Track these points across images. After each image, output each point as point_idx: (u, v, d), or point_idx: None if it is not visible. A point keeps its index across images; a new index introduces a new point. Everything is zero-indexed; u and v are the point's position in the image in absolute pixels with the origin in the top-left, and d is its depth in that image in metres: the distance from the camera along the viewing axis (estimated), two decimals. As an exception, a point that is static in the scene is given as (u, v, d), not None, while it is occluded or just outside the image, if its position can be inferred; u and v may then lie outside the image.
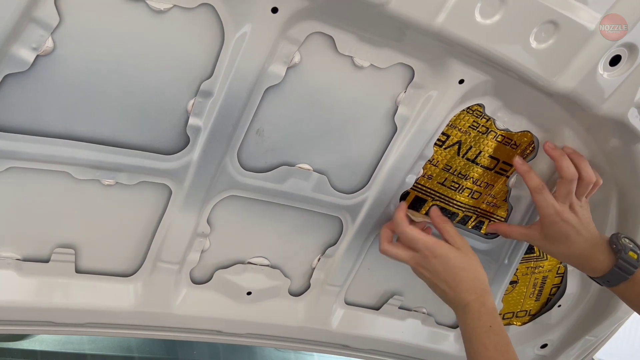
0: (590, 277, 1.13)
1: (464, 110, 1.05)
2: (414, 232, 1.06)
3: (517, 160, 1.10)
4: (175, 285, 1.10)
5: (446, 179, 1.15)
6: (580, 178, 1.06)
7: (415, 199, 1.17)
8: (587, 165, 1.08)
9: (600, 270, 1.07)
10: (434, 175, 1.14)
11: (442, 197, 1.18)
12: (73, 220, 0.98)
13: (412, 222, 1.10)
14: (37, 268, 0.99)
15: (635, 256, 1.04)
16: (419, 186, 1.15)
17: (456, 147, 1.11)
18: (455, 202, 1.19)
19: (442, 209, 1.20)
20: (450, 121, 1.05)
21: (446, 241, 1.07)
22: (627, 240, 1.07)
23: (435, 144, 1.08)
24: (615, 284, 1.07)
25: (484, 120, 1.08)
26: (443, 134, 1.07)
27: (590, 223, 1.10)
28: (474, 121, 1.08)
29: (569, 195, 1.06)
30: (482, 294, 1.03)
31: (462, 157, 1.13)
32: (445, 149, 1.11)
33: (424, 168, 1.11)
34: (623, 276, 1.05)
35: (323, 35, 0.90)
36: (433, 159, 1.11)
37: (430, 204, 1.19)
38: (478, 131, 1.10)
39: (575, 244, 1.07)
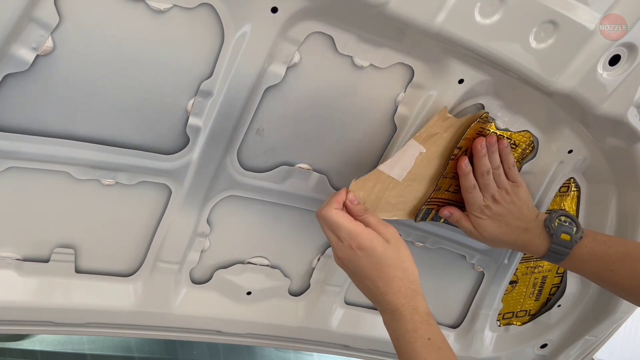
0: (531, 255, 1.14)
1: (476, 122, 1.03)
2: (338, 217, 0.91)
3: (462, 162, 1.05)
4: (175, 285, 1.10)
5: (451, 184, 1.13)
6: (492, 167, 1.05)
7: (425, 212, 1.15)
8: (486, 153, 1.05)
9: (538, 252, 1.07)
10: (442, 185, 1.12)
11: (446, 202, 1.16)
12: (73, 220, 0.98)
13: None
14: (37, 268, 0.99)
15: (568, 238, 1.04)
16: (429, 199, 1.13)
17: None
18: (456, 203, 1.19)
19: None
20: (465, 135, 1.03)
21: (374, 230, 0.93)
22: (562, 219, 1.06)
23: (450, 159, 1.06)
24: (555, 262, 1.08)
25: (488, 124, 1.07)
26: (457, 148, 1.05)
27: (521, 207, 1.07)
28: (481, 127, 1.06)
29: (487, 188, 1.05)
30: (413, 297, 0.90)
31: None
32: (453, 159, 1.08)
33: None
34: (559, 258, 1.05)
35: (323, 35, 0.90)
36: (446, 173, 1.09)
37: (434, 213, 1.17)
38: (482, 135, 1.09)
39: (506, 234, 1.07)
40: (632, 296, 1.04)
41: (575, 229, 1.05)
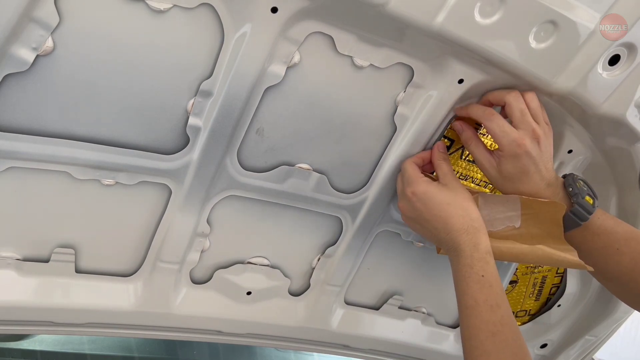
0: None
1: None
2: (406, 165, 0.99)
3: (456, 110, 0.99)
4: (175, 285, 1.10)
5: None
6: (524, 100, 0.93)
7: None
8: (515, 91, 0.95)
9: None
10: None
11: None
12: (73, 220, 0.98)
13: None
14: (37, 268, 0.99)
15: (591, 201, 0.96)
16: None
17: (460, 151, 1.11)
18: None
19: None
20: (450, 121, 1.04)
21: (438, 179, 0.97)
22: (582, 183, 0.99)
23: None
24: (568, 230, 0.98)
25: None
26: (448, 139, 1.06)
27: (550, 158, 0.96)
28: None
29: (524, 117, 0.91)
30: (475, 234, 0.90)
31: (464, 159, 1.13)
32: (450, 154, 1.10)
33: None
34: (576, 222, 0.97)
35: (323, 35, 0.90)
36: None
37: None
38: (480, 133, 1.09)
39: (531, 183, 0.95)
40: (630, 284, 0.98)
41: (594, 194, 0.99)
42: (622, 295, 1.05)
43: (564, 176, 1.01)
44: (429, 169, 1.05)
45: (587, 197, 0.97)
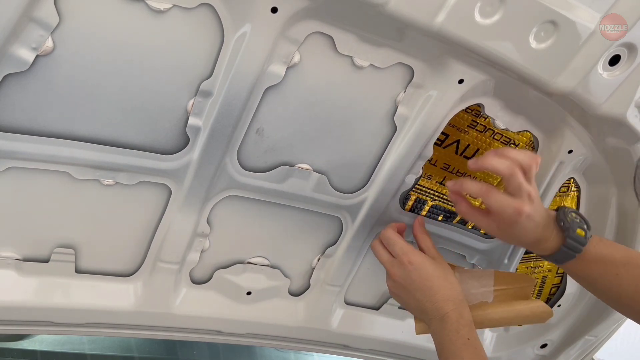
0: (537, 254, 1.07)
1: (462, 110, 1.05)
2: (393, 235, 1.05)
3: (448, 184, 1.02)
4: (175, 285, 1.10)
5: (445, 177, 1.15)
6: (521, 167, 0.95)
7: (415, 200, 1.17)
8: (516, 150, 0.97)
9: (548, 249, 1.01)
10: (433, 174, 1.14)
11: (442, 196, 1.18)
12: (73, 220, 0.98)
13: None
14: (37, 268, 0.99)
15: (583, 233, 0.99)
16: (419, 187, 1.15)
17: (454, 145, 1.11)
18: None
19: (442, 209, 1.20)
20: (449, 120, 1.05)
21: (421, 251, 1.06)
22: (574, 215, 1.01)
23: (435, 143, 1.08)
24: (564, 262, 1.02)
25: (482, 119, 1.08)
26: (442, 133, 1.07)
27: (540, 203, 1.00)
28: (472, 120, 1.08)
29: (521, 186, 0.94)
30: (460, 305, 1.01)
31: (460, 155, 1.13)
32: (444, 148, 1.11)
33: (423, 168, 1.11)
34: (571, 255, 0.99)
35: (323, 35, 0.90)
36: (432, 159, 1.11)
37: (430, 204, 1.19)
38: (476, 130, 1.10)
39: (531, 233, 0.99)
40: (632, 305, 1.01)
41: (586, 226, 1.00)
42: (626, 313, 1.07)
43: (557, 209, 1.03)
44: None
45: (579, 230, 1.00)
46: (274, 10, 0.83)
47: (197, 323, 1.16)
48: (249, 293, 1.17)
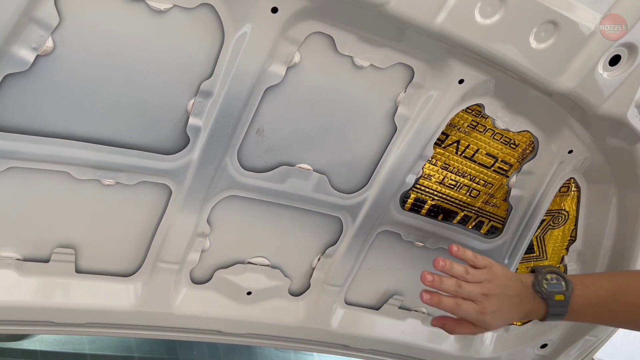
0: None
1: (462, 110, 1.05)
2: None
3: (425, 299, 1.01)
4: (175, 285, 1.10)
5: (445, 177, 1.15)
6: (455, 276, 0.99)
7: (415, 200, 1.17)
8: (438, 277, 1.00)
9: (539, 315, 1.04)
10: (433, 174, 1.14)
11: (441, 195, 1.18)
12: (73, 220, 0.98)
13: None
14: (37, 268, 0.99)
15: (562, 297, 1.01)
16: (419, 186, 1.15)
17: (455, 145, 1.11)
18: (453, 200, 1.20)
19: (441, 208, 1.20)
20: (449, 120, 1.05)
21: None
22: (549, 278, 1.03)
23: (435, 143, 1.08)
24: (559, 320, 1.05)
25: (482, 119, 1.08)
26: (442, 133, 1.07)
27: (506, 283, 1.02)
28: (472, 120, 1.08)
29: (470, 294, 0.98)
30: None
31: (460, 155, 1.13)
32: (444, 148, 1.11)
33: (423, 168, 1.11)
34: (560, 317, 1.03)
35: (323, 35, 0.90)
36: (432, 158, 1.11)
37: (430, 203, 1.19)
38: (477, 130, 1.10)
39: (512, 315, 1.02)
40: (635, 324, 1.04)
41: (564, 284, 1.02)
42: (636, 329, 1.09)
43: (532, 271, 1.04)
44: None
45: (557, 297, 1.01)
46: (274, 10, 0.83)
47: (197, 323, 1.16)
48: (249, 293, 1.17)
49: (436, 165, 1.13)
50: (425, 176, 1.13)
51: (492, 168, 1.17)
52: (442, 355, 1.41)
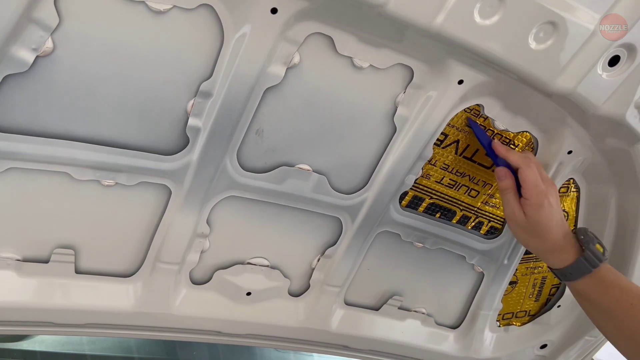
0: (550, 269, 1.07)
1: (462, 110, 1.05)
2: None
3: (496, 143, 1.05)
4: (174, 285, 1.10)
5: (444, 177, 1.15)
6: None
7: (413, 197, 1.17)
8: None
9: (564, 260, 1.01)
10: (432, 174, 1.14)
11: (440, 195, 1.18)
12: (73, 220, 0.98)
13: None
14: (37, 268, 0.99)
15: (602, 250, 1.00)
16: (417, 185, 1.15)
17: (454, 145, 1.11)
18: (452, 199, 1.20)
19: (440, 207, 1.20)
20: (449, 121, 1.05)
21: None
22: (593, 235, 1.03)
23: (434, 143, 1.08)
24: (577, 277, 1.00)
25: (481, 119, 1.08)
26: (442, 133, 1.07)
27: (562, 213, 1.03)
28: (470, 118, 1.08)
29: (549, 179, 1.01)
30: None
31: (460, 155, 1.13)
32: (443, 148, 1.11)
33: (422, 168, 1.11)
34: (587, 268, 0.99)
35: (322, 36, 0.90)
36: (432, 159, 1.11)
37: (428, 202, 1.19)
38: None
39: (552, 233, 1.00)
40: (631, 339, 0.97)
41: (604, 248, 1.01)
42: (634, 355, 1.01)
43: (576, 228, 1.07)
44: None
45: (598, 245, 1.01)
46: (274, 11, 0.83)
47: (197, 324, 1.16)
48: (248, 294, 1.17)
49: (435, 165, 1.13)
50: (424, 175, 1.14)
51: (492, 168, 1.17)
52: (441, 355, 1.41)
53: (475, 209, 1.23)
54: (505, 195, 1.05)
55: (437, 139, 1.07)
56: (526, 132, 1.12)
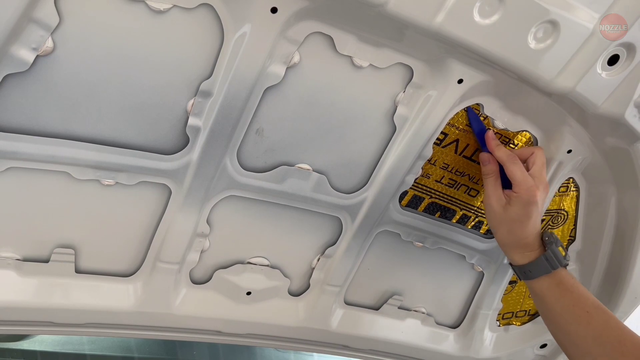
0: (510, 265, 1.09)
1: (462, 109, 1.05)
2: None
3: (489, 134, 1.06)
4: (175, 285, 1.10)
5: (443, 176, 1.15)
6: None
7: (412, 197, 1.18)
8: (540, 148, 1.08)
9: (526, 257, 1.02)
10: (432, 173, 1.14)
11: (439, 194, 1.18)
12: (73, 220, 0.98)
13: None
14: (37, 268, 0.99)
15: (564, 253, 1.02)
16: (417, 184, 1.15)
17: (454, 145, 1.11)
18: (452, 199, 1.20)
19: (439, 206, 1.21)
20: (449, 120, 1.05)
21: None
22: (557, 238, 1.05)
23: (434, 142, 1.08)
24: (536, 276, 1.02)
25: (481, 118, 1.08)
26: (442, 132, 1.07)
27: (542, 211, 1.06)
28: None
29: (542, 171, 1.01)
30: None
31: (460, 154, 1.13)
32: (443, 147, 1.11)
33: (422, 167, 1.12)
34: (547, 268, 1.00)
35: (322, 35, 0.90)
36: (431, 158, 1.11)
37: (428, 201, 1.19)
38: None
39: (527, 229, 1.01)
40: (594, 347, 0.94)
41: (566, 252, 1.03)
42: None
43: (543, 231, 1.07)
44: None
45: (560, 249, 1.03)
46: (274, 10, 0.83)
47: (197, 323, 1.16)
48: (248, 293, 1.17)
49: (435, 165, 1.13)
50: (424, 175, 1.14)
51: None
52: (441, 355, 1.41)
53: (475, 208, 1.23)
54: (487, 179, 1.07)
55: (437, 138, 1.08)
56: (526, 131, 1.12)
